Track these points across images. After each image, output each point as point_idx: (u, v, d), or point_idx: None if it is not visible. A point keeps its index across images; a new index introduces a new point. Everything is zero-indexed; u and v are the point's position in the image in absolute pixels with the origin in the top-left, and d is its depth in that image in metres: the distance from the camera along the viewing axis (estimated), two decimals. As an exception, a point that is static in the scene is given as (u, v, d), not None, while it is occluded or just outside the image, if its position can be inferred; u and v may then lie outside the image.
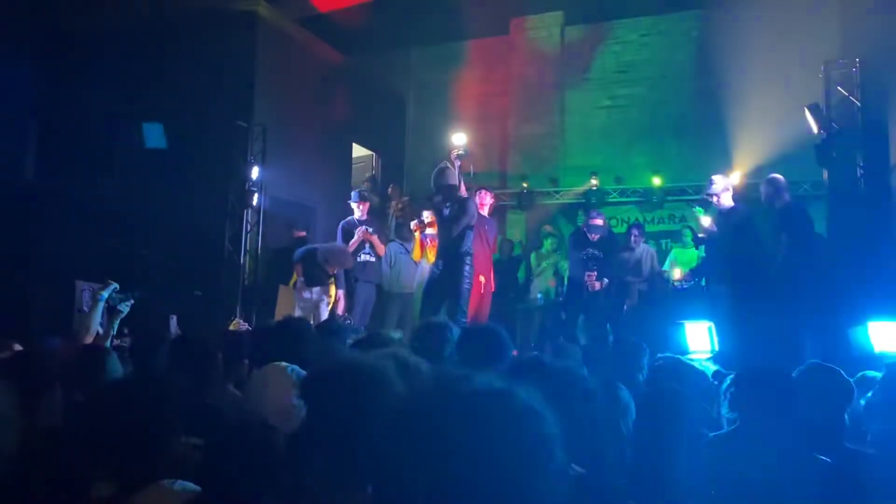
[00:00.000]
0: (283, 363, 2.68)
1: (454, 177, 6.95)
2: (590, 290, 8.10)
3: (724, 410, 2.70)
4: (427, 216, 7.76)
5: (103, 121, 9.04)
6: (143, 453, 2.02)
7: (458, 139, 7.38)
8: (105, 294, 4.51)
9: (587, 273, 8.10)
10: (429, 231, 7.68)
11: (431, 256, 7.57)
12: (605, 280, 8.16)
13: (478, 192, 7.80)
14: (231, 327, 6.00)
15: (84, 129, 9.06)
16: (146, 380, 2.60)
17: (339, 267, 7.67)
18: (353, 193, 8.38)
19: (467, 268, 6.80)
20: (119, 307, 4.56)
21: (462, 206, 6.82)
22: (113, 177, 9.08)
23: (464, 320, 6.58)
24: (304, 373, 2.56)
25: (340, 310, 7.73)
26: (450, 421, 1.02)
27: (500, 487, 0.98)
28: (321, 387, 1.80)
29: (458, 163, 7.21)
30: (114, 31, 9.04)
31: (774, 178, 6.60)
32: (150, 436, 2.06)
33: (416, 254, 7.84)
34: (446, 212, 6.87)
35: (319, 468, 1.74)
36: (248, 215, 9.34)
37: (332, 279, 7.73)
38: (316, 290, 7.70)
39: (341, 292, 7.78)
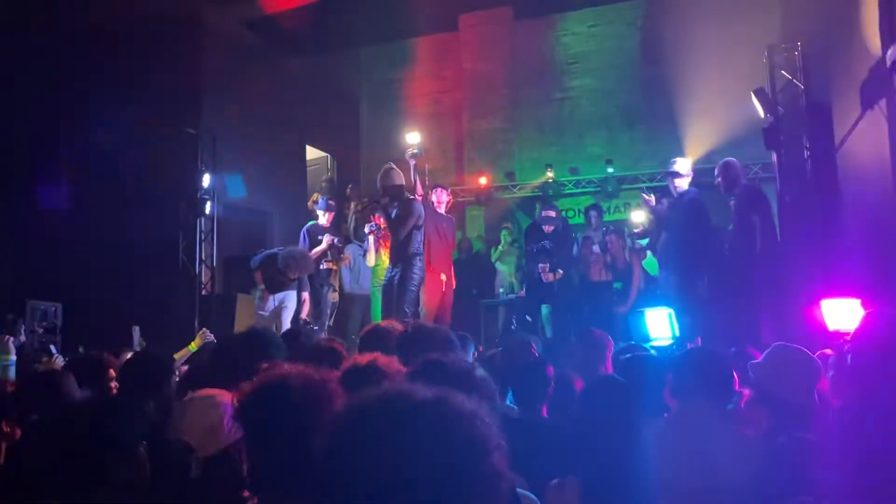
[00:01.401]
0: (208, 392, 2.56)
1: (400, 177, 6.91)
2: (543, 281, 8.18)
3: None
4: (374, 222, 7.70)
5: (48, 132, 8.80)
6: (95, 477, 1.98)
7: (413, 137, 7.35)
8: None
9: (539, 265, 8.17)
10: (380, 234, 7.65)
11: (386, 259, 7.52)
12: (560, 272, 8.22)
13: (434, 191, 7.78)
14: (197, 338, 5.83)
15: (28, 139, 8.80)
16: (102, 403, 2.53)
17: (301, 273, 7.56)
18: (320, 200, 8.31)
19: (416, 269, 6.77)
20: None
21: (407, 206, 6.77)
22: (59, 189, 8.84)
23: (407, 321, 6.55)
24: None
25: (305, 313, 7.62)
26: (384, 432, 1.05)
27: (439, 491, 1.01)
28: (255, 407, 1.77)
29: (413, 161, 7.19)
30: (55, 39, 8.80)
31: (730, 163, 6.70)
32: (102, 459, 2.01)
33: (371, 259, 7.76)
34: (393, 213, 6.83)
35: (263, 487, 1.72)
36: (202, 224, 9.16)
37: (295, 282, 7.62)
38: (278, 296, 7.59)
39: (305, 294, 7.66)
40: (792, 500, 2.15)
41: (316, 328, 7.62)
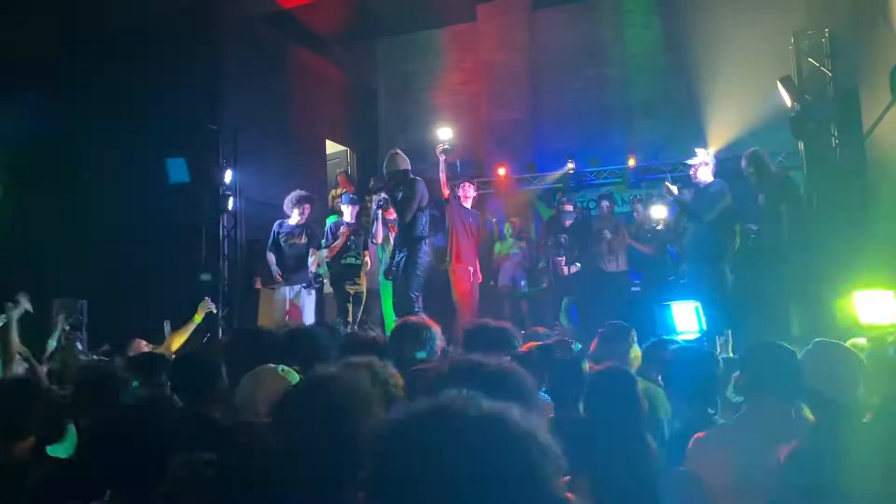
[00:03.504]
0: (272, 364, 2.65)
1: (405, 162, 6.94)
2: (560, 274, 8.21)
3: (732, 395, 2.65)
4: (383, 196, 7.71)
5: (70, 129, 8.85)
6: (138, 477, 1.99)
7: (444, 133, 7.42)
8: (20, 310, 4.35)
9: (556, 258, 8.20)
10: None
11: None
12: (578, 265, 8.20)
13: (461, 186, 7.79)
14: (199, 310, 5.92)
15: (50, 136, 8.86)
16: (140, 404, 2.54)
17: (309, 204, 7.68)
18: (343, 196, 8.34)
19: (422, 253, 6.77)
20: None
21: (411, 188, 6.76)
22: (83, 186, 8.90)
23: (416, 307, 6.57)
24: (293, 372, 2.54)
25: (313, 266, 7.71)
26: (444, 448, 1.01)
27: None
28: (292, 408, 1.76)
29: (443, 157, 7.20)
30: (76, 36, 8.84)
31: (757, 152, 6.59)
32: (143, 460, 2.01)
33: (378, 234, 7.76)
34: (399, 196, 6.84)
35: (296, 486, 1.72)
36: (224, 219, 9.21)
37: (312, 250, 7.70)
38: (295, 289, 7.66)
39: (313, 250, 7.76)
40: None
41: (325, 281, 7.67)
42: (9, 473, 2.35)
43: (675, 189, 7.33)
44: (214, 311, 6.53)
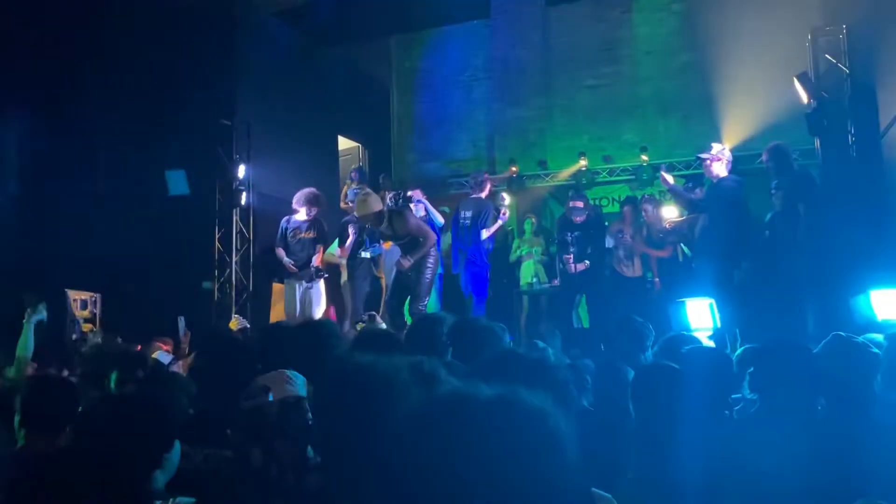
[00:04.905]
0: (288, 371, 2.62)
1: (377, 202, 6.69)
2: (569, 272, 8.18)
3: (746, 391, 2.64)
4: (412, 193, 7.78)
5: (85, 124, 8.91)
6: (131, 474, 2.00)
7: (502, 200, 8.99)
8: (38, 316, 4.35)
9: (563, 256, 8.17)
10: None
11: None
12: (587, 262, 8.17)
13: (474, 177, 7.99)
14: (231, 325, 5.94)
15: (66, 132, 8.92)
16: (142, 395, 2.55)
17: (318, 205, 7.83)
18: (349, 192, 8.36)
19: (430, 260, 6.78)
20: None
21: (401, 221, 6.64)
22: (97, 180, 8.96)
23: (422, 308, 6.62)
24: (300, 377, 2.50)
25: (318, 261, 7.80)
26: (457, 430, 1.05)
27: (513, 488, 1.02)
28: (335, 392, 1.76)
29: (503, 220, 8.26)
30: (91, 32, 8.90)
31: (780, 147, 6.51)
32: (136, 455, 2.02)
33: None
34: (388, 231, 6.80)
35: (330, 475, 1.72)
36: (237, 214, 9.24)
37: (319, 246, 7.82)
38: (304, 284, 7.71)
39: (320, 246, 7.89)
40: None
41: (326, 276, 7.91)
42: (50, 466, 2.36)
43: (670, 178, 7.30)
44: (248, 326, 6.54)
